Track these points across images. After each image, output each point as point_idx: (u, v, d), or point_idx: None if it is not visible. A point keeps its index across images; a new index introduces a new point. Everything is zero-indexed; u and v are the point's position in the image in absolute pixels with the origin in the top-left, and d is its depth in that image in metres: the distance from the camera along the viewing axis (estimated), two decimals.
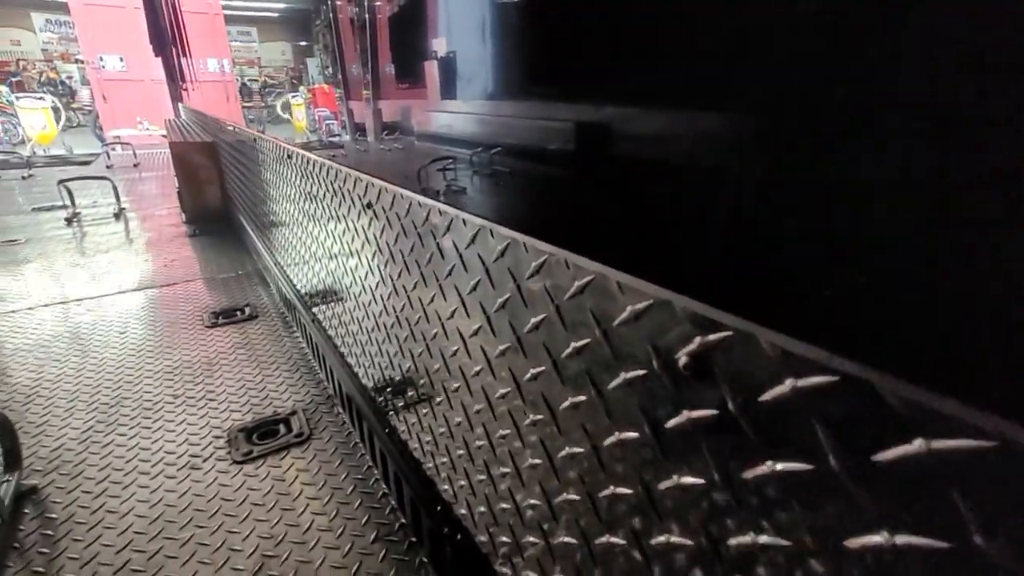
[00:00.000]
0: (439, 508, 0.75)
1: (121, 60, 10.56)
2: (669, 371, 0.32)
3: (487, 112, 0.76)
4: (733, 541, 0.30)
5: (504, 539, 0.58)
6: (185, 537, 0.98)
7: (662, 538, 0.35)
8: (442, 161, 0.90)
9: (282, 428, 1.29)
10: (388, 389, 0.92)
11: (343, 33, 1.28)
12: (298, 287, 1.60)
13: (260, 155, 1.75)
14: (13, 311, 1.98)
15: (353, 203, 0.87)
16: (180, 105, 6.97)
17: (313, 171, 1.10)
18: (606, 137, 0.52)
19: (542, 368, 0.44)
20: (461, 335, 0.57)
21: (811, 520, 0.26)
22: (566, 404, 0.42)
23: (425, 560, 0.90)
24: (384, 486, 1.08)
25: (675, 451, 0.33)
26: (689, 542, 0.33)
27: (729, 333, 0.28)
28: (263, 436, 1.26)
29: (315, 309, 1.43)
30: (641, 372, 0.33)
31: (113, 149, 6.56)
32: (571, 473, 0.44)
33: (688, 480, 0.32)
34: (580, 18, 0.54)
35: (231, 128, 2.22)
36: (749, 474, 0.28)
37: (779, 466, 0.27)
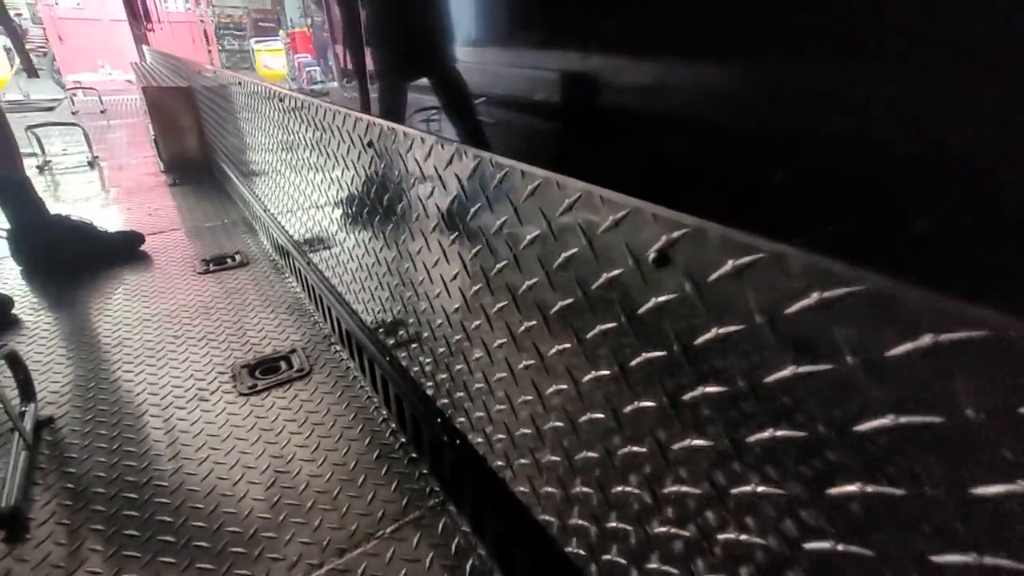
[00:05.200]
0: (439, 420, 0.84)
1: None
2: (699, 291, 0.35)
3: (472, 60, 0.74)
4: (752, 438, 0.35)
5: (499, 436, 0.68)
6: (202, 457, 1.07)
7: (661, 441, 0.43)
8: (427, 112, 0.91)
9: (283, 364, 1.36)
10: (389, 319, 1.00)
11: None
12: (292, 234, 1.64)
13: (249, 101, 1.74)
14: None
15: (353, 143, 0.91)
16: (145, 48, 6.60)
17: (314, 115, 1.12)
18: (598, 88, 0.47)
19: (536, 279, 0.51)
20: (461, 258, 0.64)
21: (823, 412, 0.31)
22: (555, 309, 0.50)
23: (425, 472, 1.01)
24: (384, 412, 1.17)
25: (700, 365, 0.37)
26: (708, 443, 0.41)
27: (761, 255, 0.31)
28: (265, 372, 1.34)
29: (311, 254, 1.47)
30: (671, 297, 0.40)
31: (75, 94, 6.23)
32: (559, 368, 0.52)
33: (712, 389, 0.36)
34: None
35: (213, 72, 2.17)
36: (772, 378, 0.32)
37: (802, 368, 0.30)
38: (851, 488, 0.30)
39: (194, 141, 3.22)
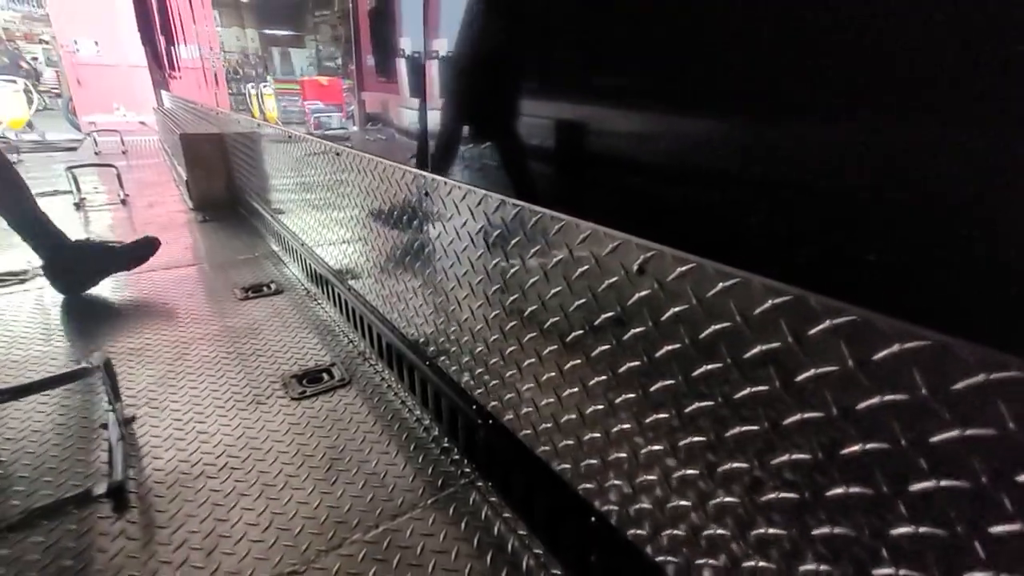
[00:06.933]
0: (474, 406, 1.07)
1: (96, 44, 10.35)
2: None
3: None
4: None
5: (527, 409, 0.91)
6: (267, 448, 1.27)
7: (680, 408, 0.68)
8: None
9: (326, 376, 1.58)
10: (431, 330, 1.23)
11: (360, 23, 1.44)
12: (331, 264, 1.88)
13: (297, 152, 2.02)
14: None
15: (404, 191, 1.17)
16: (164, 93, 7.00)
17: (373, 169, 1.40)
18: (586, 135, 0.70)
19: (560, 288, 0.76)
20: (503, 277, 0.89)
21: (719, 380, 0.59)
22: (572, 308, 0.75)
23: (457, 458, 1.22)
24: (418, 412, 1.39)
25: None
26: (671, 381, 0.66)
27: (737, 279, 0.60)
28: (311, 381, 1.55)
29: (351, 280, 1.72)
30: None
31: (88, 135, 6.57)
32: (576, 349, 0.76)
33: (671, 347, 0.64)
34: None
35: (260, 124, 2.47)
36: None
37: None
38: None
39: (221, 182, 3.51)
